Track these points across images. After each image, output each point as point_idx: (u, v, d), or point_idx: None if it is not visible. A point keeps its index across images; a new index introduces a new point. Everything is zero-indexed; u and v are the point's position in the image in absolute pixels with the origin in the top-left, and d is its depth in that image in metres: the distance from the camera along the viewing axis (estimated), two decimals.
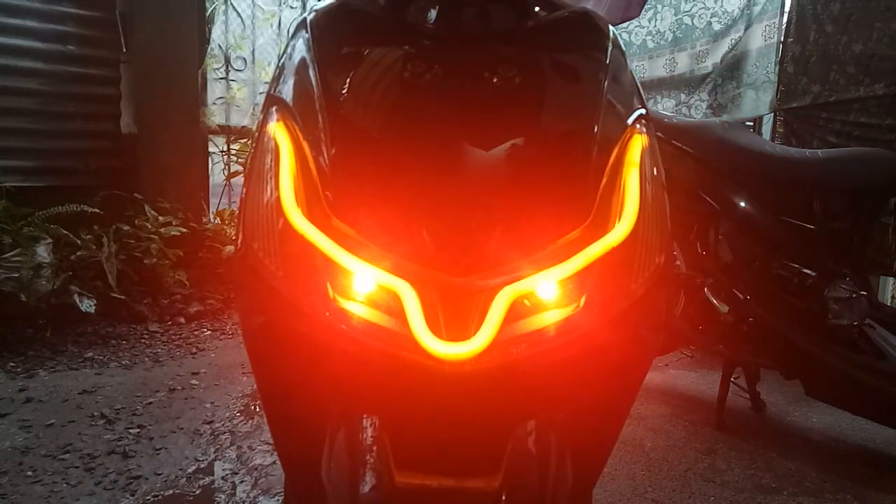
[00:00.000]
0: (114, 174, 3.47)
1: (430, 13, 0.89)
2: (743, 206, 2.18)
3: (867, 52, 2.94)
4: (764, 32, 3.61)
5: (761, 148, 2.21)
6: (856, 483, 1.86)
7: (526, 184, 0.76)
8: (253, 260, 0.76)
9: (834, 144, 3.07)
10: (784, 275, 2.09)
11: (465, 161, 0.77)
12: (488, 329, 0.69)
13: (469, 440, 0.79)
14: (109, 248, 3.01)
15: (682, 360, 2.97)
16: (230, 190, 4.01)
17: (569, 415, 0.82)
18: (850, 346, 1.93)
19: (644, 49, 4.33)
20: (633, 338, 0.79)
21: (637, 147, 0.81)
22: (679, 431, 2.17)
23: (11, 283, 2.62)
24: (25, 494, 1.60)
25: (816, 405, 2.33)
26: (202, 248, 3.54)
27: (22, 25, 3.17)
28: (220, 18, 3.91)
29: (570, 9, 0.94)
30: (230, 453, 1.87)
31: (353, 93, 0.82)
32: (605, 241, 0.74)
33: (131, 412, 2.11)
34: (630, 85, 0.89)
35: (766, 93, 3.59)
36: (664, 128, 2.30)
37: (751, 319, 2.13)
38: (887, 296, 3.44)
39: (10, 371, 2.43)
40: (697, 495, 1.75)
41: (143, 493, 1.63)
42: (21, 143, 3.20)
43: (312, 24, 0.88)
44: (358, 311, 0.72)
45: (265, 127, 0.82)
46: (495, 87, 0.80)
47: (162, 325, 3.08)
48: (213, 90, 3.94)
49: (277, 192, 0.75)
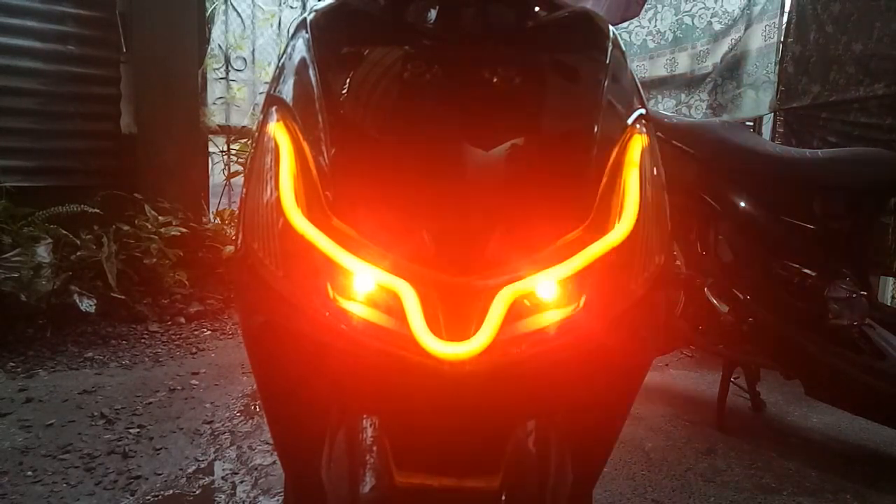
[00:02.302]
0: (114, 174, 3.47)
1: (430, 13, 0.89)
2: (743, 206, 2.17)
3: (867, 52, 2.94)
4: (764, 32, 3.61)
5: (761, 148, 2.21)
6: (856, 483, 1.86)
7: (526, 184, 0.76)
8: (253, 260, 0.76)
9: (834, 144, 3.07)
10: (784, 275, 2.09)
11: (465, 161, 0.77)
12: (488, 329, 0.68)
13: (469, 440, 0.79)
14: (109, 248, 3.01)
15: (682, 360, 2.97)
16: (230, 190, 4.01)
17: (569, 415, 0.82)
18: (850, 346, 1.93)
19: (644, 49, 4.33)
20: (633, 338, 0.79)
21: (637, 147, 0.81)
22: (679, 431, 2.17)
23: (11, 283, 2.62)
24: (25, 494, 1.60)
25: (816, 405, 2.33)
26: (202, 248, 3.54)
27: (22, 25, 3.17)
28: (220, 18, 3.91)
29: (570, 9, 0.94)
30: (230, 453, 1.87)
31: (353, 93, 0.82)
32: (605, 241, 0.74)
33: (131, 412, 2.11)
34: (630, 85, 0.89)
35: (766, 93, 3.59)
36: (664, 128, 2.30)
37: (751, 319, 2.13)
38: (887, 296, 3.43)
39: (10, 371, 2.43)
40: (697, 495, 1.75)
41: (143, 493, 1.63)
42: (21, 143, 3.20)
43: (312, 24, 0.88)
44: (358, 311, 0.72)
45: (265, 127, 0.82)
46: (495, 87, 0.80)
47: (162, 325, 3.08)
48: (213, 90, 3.94)
49: (277, 192, 0.75)
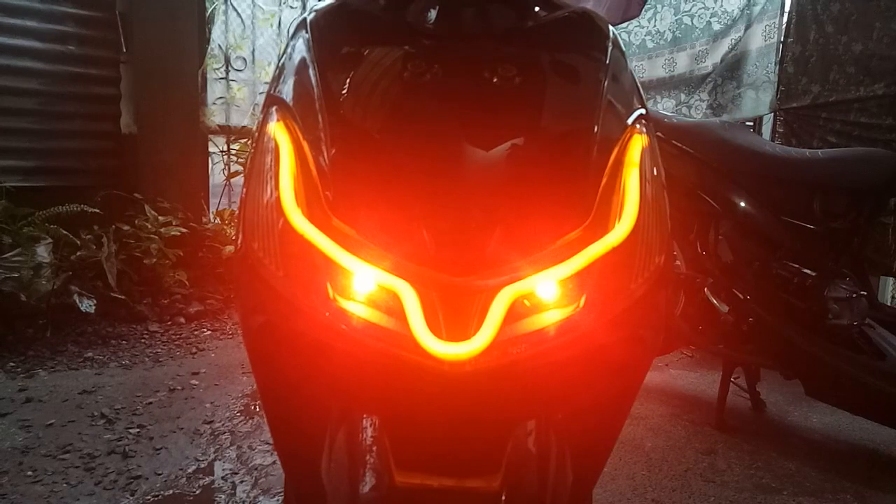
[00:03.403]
0: (114, 174, 3.47)
1: (430, 13, 0.89)
2: (743, 206, 2.18)
3: (867, 52, 2.94)
4: (764, 32, 3.61)
5: (761, 148, 2.21)
6: (856, 483, 1.86)
7: (526, 184, 0.76)
8: (253, 260, 0.76)
9: (834, 144, 3.07)
10: (784, 275, 2.09)
11: (465, 161, 0.77)
12: (488, 329, 0.68)
13: (469, 440, 0.79)
14: (109, 248, 3.01)
15: (682, 360, 2.97)
16: (230, 190, 4.01)
17: (569, 415, 0.82)
18: (850, 346, 1.93)
19: (644, 49, 4.33)
20: (633, 338, 0.79)
21: (637, 147, 0.81)
22: (679, 431, 2.17)
23: (11, 283, 2.62)
24: (25, 494, 1.60)
25: (816, 405, 2.33)
26: (202, 248, 3.54)
27: (22, 25, 3.17)
28: (220, 18, 3.91)
29: (570, 9, 0.94)
30: (230, 453, 1.87)
31: (353, 93, 0.82)
32: (605, 241, 0.74)
33: (131, 412, 2.11)
34: (630, 85, 0.89)
35: (766, 93, 3.59)
36: (664, 128, 2.30)
37: (751, 319, 2.13)
38: (887, 296, 3.43)
39: (10, 371, 2.43)
40: (697, 495, 1.75)
41: (143, 493, 1.63)
42: (21, 143, 3.20)
43: (312, 24, 0.88)
44: (358, 311, 0.72)
45: (265, 127, 0.82)
46: (495, 87, 0.80)
47: (162, 325, 3.08)
48: (213, 90, 3.94)
49: (277, 192, 0.75)
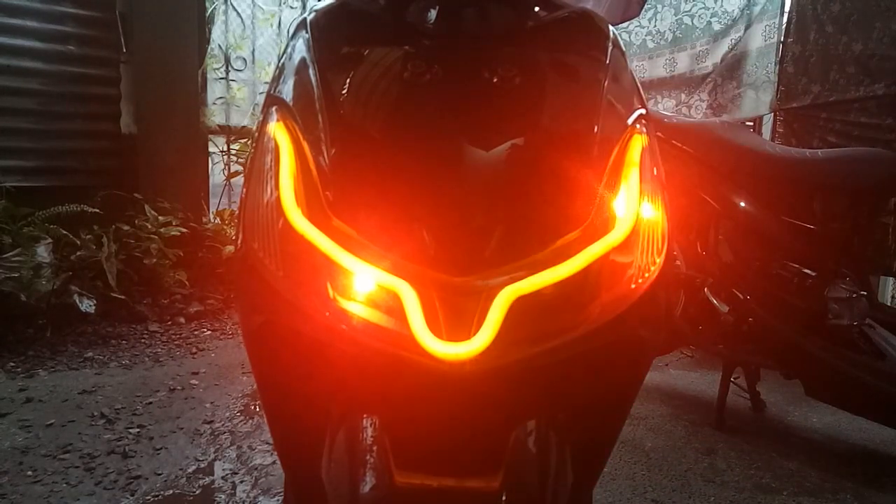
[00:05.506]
0: (114, 174, 3.47)
1: (430, 13, 0.89)
2: (743, 206, 2.18)
3: (867, 52, 2.94)
4: (764, 32, 3.61)
5: (761, 148, 2.21)
6: (856, 483, 1.86)
7: (526, 184, 0.76)
8: (253, 260, 0.76)
9: (834, 144, 3.07)
10: (784, 275, 2.09)
11: (465, 161, 0.77)
12: (488, 329, 0.68)
13: (469, 440, 0.79)
14: (109, 248, 3.01)
15: (682, 360, 2.97)
16: (230, 190, 4.01)
17: (569, 415, 0.82)
18: (850, 346, 1.93)
19: (644, 49, 4.33)
20: (633, 338, 0.79)
21: (637, 147, 0.81)
22: (679, 431, 2.17)
23: (11, 283, 2.62)
24: (25, 494, 1.60)
25: (816, 405, 2.33)
26: (202, 248, 3.54)
27: (22, 25, 3.17)
28: (220, 18, 3.91)
29: (570, 9, 0.94)
30: (230, 453, 1.87)
31: (353, 93, 0.82)
32: (605, 241, 0.74)
33: (131, 412, 2.11)
34: (630, 85, 0.89)
35: (766, 93, 3.59)
36: (664, 128, 2.30)
37: (751, 319, 2.13)
38: (887, 296, 3.44)
39: (10, 371, 2.43)
40: (697, 495, 1.75)
41: (143, 493, 1.63)
42: (21, 143, 3.20)
43: (312, 24, 0.88)
44: (358, 311, 0.72)
45: (265, 127, 0.82)
46: (495, 87, 0.80)
47: (162, 325, 3.08)
48: (213, 90, 3.94)
49: (277, 192, 0.75)
